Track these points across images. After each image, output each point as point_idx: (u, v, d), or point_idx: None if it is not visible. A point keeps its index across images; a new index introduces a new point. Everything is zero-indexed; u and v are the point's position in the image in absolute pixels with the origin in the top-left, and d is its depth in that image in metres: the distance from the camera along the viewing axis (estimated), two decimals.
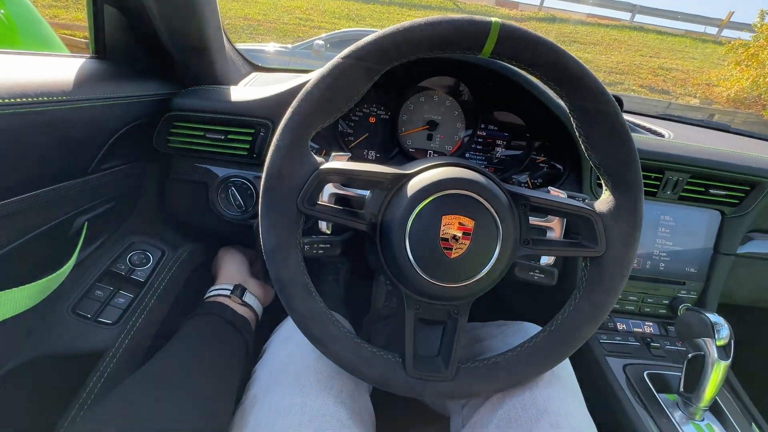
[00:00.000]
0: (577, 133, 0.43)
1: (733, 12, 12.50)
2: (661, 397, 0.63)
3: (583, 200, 0.60)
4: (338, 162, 0.45)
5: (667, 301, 0.76)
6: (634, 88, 10.09)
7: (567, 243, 0.50)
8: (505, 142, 0.77)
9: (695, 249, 0.74)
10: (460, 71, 0.71)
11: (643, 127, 0.97)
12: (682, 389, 0.60)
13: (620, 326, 0.75)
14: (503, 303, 0.77)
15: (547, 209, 0.49)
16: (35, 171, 0.42)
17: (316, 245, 0.51)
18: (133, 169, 0.62)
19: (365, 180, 0.46)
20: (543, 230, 0.56)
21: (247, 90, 0.65)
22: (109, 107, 0.51)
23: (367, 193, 0.55)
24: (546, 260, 0.55)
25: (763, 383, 0.77)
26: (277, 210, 0.43)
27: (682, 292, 0.76)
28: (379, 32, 0.42)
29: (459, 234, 0.43)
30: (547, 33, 11.99)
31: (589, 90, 0.42)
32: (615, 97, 0.94)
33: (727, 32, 12.99)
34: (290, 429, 0.40)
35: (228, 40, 0.78)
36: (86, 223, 0.50)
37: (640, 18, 13.35)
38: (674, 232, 0.74)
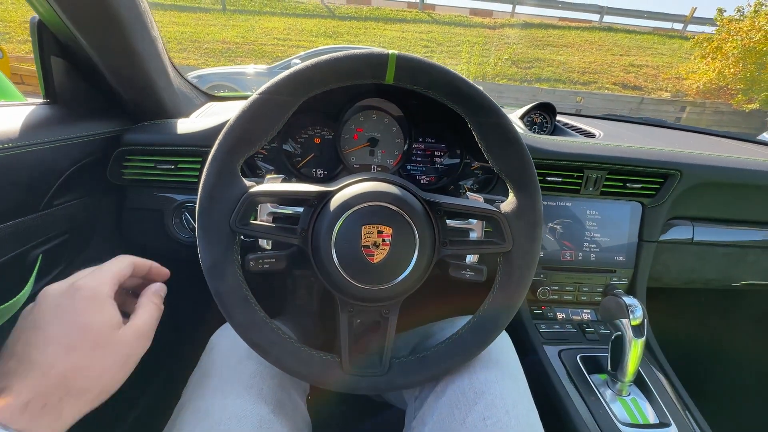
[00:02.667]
0: (479, 144, 0.49)
1: (696, 8, 13.00)
2: (593, 378, 0.68)
3: (501, 202, 0.67)
4: (267, 185, 0.51)
5: (601, 289, 0.82)
6: (607, 86, 10.39)
7: (482, 242, 0.55)
8: (443, 153, 0.83)
9: (621, 239, 0.81)
10: (387, 92, 0.78)
11: (577, 129, 1.05)
12: (609, 368, 0.66)
13: (560, 315, 0.81)
14: (457, 301, 0.82)
15: (459, 213, 0.55)
16: None
17: (261, 260, 0.55)
18: (87, 203, 0.66)
19: (294, 199, 0.52)
20: (466, 231, 0.62)
21: (192, 122, 0.71)
22: (56, 149, 0.56)
23: (301, 209, 0.60)
24: (471, 259, 0.60)
25: (685, 353, 0.83)
26: (211, 231, 0.47)
27: (614, 279, 0.82)
28: (292, 69, 0.48)
29: (379, 241, 0.48)
30: (521, 39, 12.33)
31: (481, 107, 0.48)
32: (546, 103, 1.02)
33: (692, 27, 13.53)
34: (211, 429, 0.44)
35: (179, 74, 0.84)
36: (40, 256, 0.54)
37: (608, 18, 13.84)
38: (601, 224, 0.80)
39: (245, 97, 1.11)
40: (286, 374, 0.54)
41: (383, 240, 0.48)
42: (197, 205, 0.47)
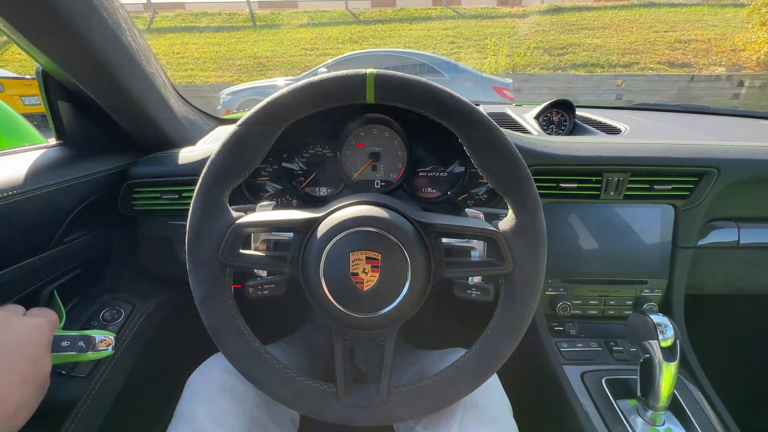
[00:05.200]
0: (472, 159, 0.46)
1: None
2: (621, 404, 0.62)
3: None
4: (253, 215, 0.50)
5: (630, 302, 0.75)
6: (651, 66, 9.66)
7: (482, 263, 0.52)
8: (447, 163, 0.79)
9: (652, 246, 0.73)
10: (383, 105, 0.75)
11: (600, 125, 0.97)
12: (639, 393, 0.60)
13: (582, 332, 0.74)
14: (461, 329, 0.78)
15: (454, 234, 0.52)
16: None
17: (260, 286, 0.55)
18: (99, 236, 0.70)
19: (280, 227, 0.51)
20: (468, 251, 0.58)
21: (193, 150, 0.73)
22: (64, 189, 0.59)
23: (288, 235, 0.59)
24: (475, 278, 0.57)
25: (733, 374, 0.73)
26: (201, 265, 0.48)
27: (645, 291, 0.74)
28: (269, 98, 0.47)
29: (368, 267, 0.46)
30: (552, 24, 11.80)
31: (470, 120, 0.45)
32: (564, 101, 0.95)
33: None
34: None
35: (186, 103, 0.87)
36: (54, 291, 0.57)
37: None
38: (626, 231, 0.73)
39: None
40: (263, 408, 0.53)
41: (372, 266, 0.46)
42: (186, 241, 0.48)
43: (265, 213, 0.51)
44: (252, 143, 0.47)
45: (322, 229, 0.48)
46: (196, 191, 0.47)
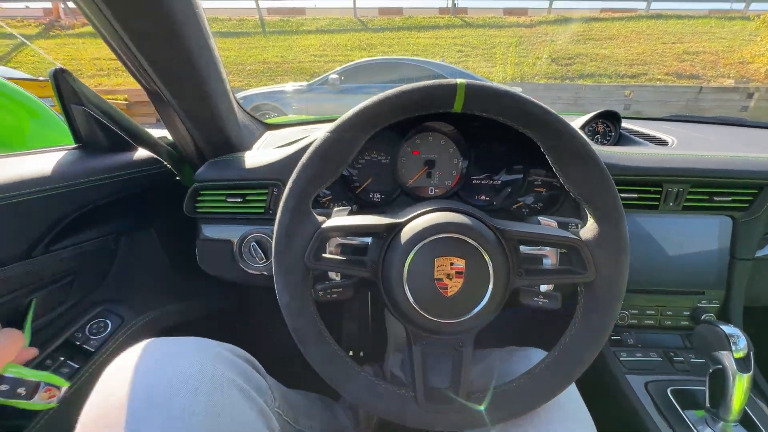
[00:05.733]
0: (554, 169, 0.47)
1: None
2: (687, 414, 0.62)
3: (576, 225, 0.63)
4: (337, 219, 0.51)
5: (687, 313, 0.75)
6: (659, 77, 9.69)
7: (560, 270, 0.52)
8: (503, 171, 0.80)
9: (710, 257, 0.73)
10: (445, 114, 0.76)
11: (645, 135, 0.97)
12: (708, 404, 0.60)
13: (639, 342, 0.74)
14: (515, 328, 0.78)
15: (533, 241, 0.52)
16: None
17: (329, 290, 0.55)
18: (103, 242, 0.70)
19: (363, 232, 0.52)
20: (539, 258, 0.59)
21: (258, 155, 0.74)
22: (69, 193, 0.61)
23: (369, 239, 0.60)
24: (546, 286, 0.57)
25: None
26: (288, 269, 0.49)
27: (703, 301, 0.74)
28: (360, 106, 0.48)
29: (452, 273, 0.47)
30: (559, 35, 11.87)
31: (555, 131, 0.46)
32: (610, 111, 0.96)
33: (755, 6, 12.34)
34: None
35: (241, 108, 0.88)
36: (33, 301, 0.58)
37: (656, 5, 12.98)
38: (685, 242, 0.73)
39: (299, 123, 1.15)
40: None
41: (457, 273, 0.47)
42: (273, 245, 0.49)
43: (347, 218, 0.52)
44: (342, 149, 0.48)
45: (405, 234, 0.49)
46: (285, 196, 0.48)
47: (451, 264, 0.47)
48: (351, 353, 1.44)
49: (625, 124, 1.09)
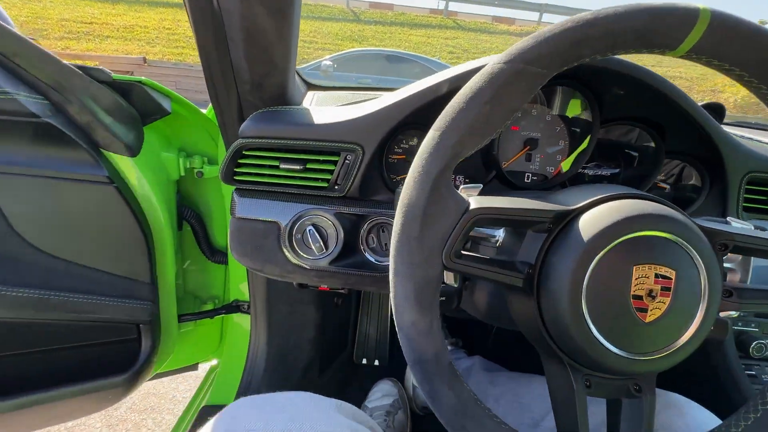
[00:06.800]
0: None
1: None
2: None
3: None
4: (487, 198, 0.35)
5: None
6: None
7: None
8: (626, 155, 0.65)
9: None
10: (571, 77, 0.60)
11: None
12: None
13: None
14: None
15: (755, 250, 0.38)
16: None
17: None
18: None
19: (519, 221, 0.35)
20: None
21: (329, 110, 0.55)
22: None
23: (497, 232, 0.44)
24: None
25: None
26: (419, 269, 0.33)
27: None
28: (550, 28, 0.32)
29: (657, 289, 0.32)
30: None
31: None
32: (717, 104, 0.84)
33: None
34: None
35: None
36: None
37: None
38: None
39: (343, 88, 0.94)
40: None
41: (662, 288, 0.32)
42: (398, 229, 0.32)
43: (498, 198, 0.35)
44: (519, 90, 0.33)
45: (586, 228, 0.33)
46: (427, 155, 0.33)
47: (656, 275, 0.32)
48: (365, 362, 1.26)
49: None
